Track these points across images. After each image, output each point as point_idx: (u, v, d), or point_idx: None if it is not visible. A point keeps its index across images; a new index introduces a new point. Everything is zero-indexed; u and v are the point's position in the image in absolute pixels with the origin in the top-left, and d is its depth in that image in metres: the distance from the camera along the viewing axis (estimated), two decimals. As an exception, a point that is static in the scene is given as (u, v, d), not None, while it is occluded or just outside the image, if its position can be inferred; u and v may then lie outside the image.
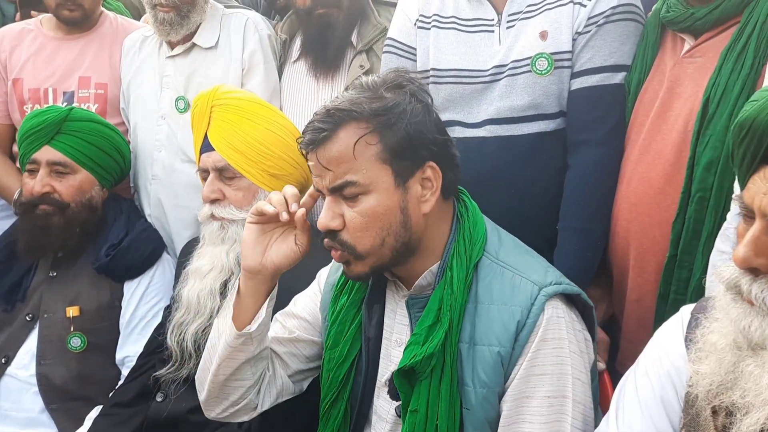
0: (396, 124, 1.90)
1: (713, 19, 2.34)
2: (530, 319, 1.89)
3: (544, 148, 2.61)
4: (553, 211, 2.61)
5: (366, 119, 1.90)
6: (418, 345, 1.94)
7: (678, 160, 2.35)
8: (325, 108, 1.95)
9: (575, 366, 1.92)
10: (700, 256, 2.29)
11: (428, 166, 1.96)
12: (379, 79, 1.99)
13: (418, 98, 1.97)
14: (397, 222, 1.93)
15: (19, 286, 3.05)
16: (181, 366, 2.63)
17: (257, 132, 2.69)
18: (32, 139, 2.99)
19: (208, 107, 2.72)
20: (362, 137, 1.89)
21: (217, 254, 2.67)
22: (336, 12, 3.23)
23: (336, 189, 1.93)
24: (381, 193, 1.91)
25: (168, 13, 3.30)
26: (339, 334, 2.16)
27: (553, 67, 2.57)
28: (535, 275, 1.97)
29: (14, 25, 3.81)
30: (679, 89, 2.40)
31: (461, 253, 1.99)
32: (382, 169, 1.91)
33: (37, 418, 2.94)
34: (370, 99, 1.93)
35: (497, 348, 1.91)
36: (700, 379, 1.59)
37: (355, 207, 1.92)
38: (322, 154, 1.92)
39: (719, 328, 1.58)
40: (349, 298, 2.18)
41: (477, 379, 1.92)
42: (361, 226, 1.92)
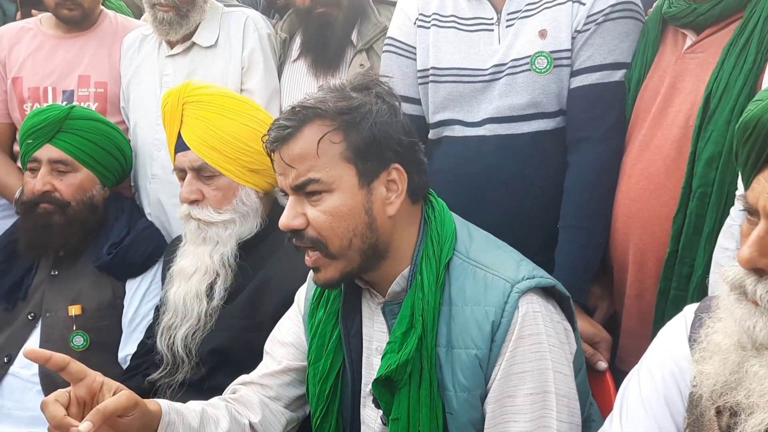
0: (361, 123, 1.90)
1: (716, 15, 2.34)
2: (504, 318, 1.87)
3: (543, 147, 2.61)
4: (552, 210, 2.61)
5: (331, 117, 1.90)
6: (394, 353, 1.92)
7: (679, 156, 2.35)
8: (291, 106, 1.95)
9: (555, 359, 1.90)
10: (701, 252, 2.28)
11: (393, 168, 1.94)
12: (346, 81, 2.00)
13: (384, 99, 1.96)
14: (362, 223, 1.92)
15: (20, 285, 3.05)
16: (175, 370, 2.60)
17: (233, 128, 2.63)
18: (33, 138, 2.98)
19: (180, 104, 2.66)
20: (326, 135, 1.89)
21: (200, 255, 2.63)
22: (335, 11, 3.23)
23: (299, 187, 1.91)
24: (345, 192, 1.90)
25: (167, 13, 3.30)
26: (320, 348, 2.14)
27: (553, 66, 2.56)
28: (507, 272, 1.94)
29: (13, 24, 3.81)
30: (680, 85, 2.40)
31: (430, 256, 1.97)
32: (346, 168, 1.91)
33: (40, 417, 2.79)
34: (336, 98, 1.92)
35: (474, 350, 1.89)
36: (704, 379, 1.58)
37: (318, 206, 1.91)
38: (286, 152, 1.92)
39: (723, 328, 1.58)
40: (326, 310, 2.15)
41: (457, 383, 1.91)
42: (325, 225, 1.91)
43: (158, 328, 2.66)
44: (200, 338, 2.57)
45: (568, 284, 2.37)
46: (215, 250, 2.62)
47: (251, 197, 2.66)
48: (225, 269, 2.61)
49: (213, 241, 2.63)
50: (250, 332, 2.54)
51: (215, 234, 2.62)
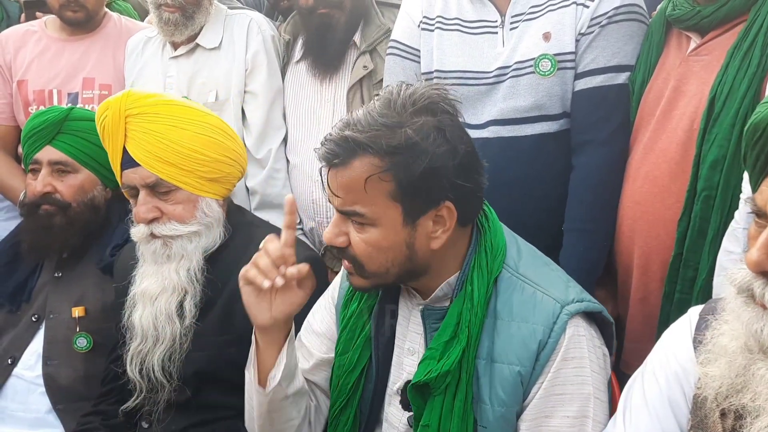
0: (413, 165, 1.80)
1: (720, 17, 2.34)
2: (552, 339, 1.85)
3: (547, 149, 2.61)
4: (556, 213, 2.62)
5: (381, 156, 1.80)
6: (434, 360, 1.90)
7: (683, 159, 2.35)
8: (343, 129, 1.85)
9: (596, 386, 1.89)
10: (706, 256, 2.29)
11: (444, 206, 1.87)
12: (409, 99, 1.85)
13: (445, 136, 1.83)
14: (402, 256, 1.89)
15: (24, 286, 3.04)
16: (153, 396, 2.49)
17: (186, 138, 2.43)
18: (34, 140, 2.97)
19: (122, 117, 2.43)
20: (375, 174, 1.81)
21: (165, 273, 2.47)
22: (338, 13, 3.23)
23: (344, 213, 1.89)
24: (388, 229, 1.86)
25: (173, 14, 3.31)
26: (349, 340, 2.13)
27: (557, 68, 2.57)
28: (556, 291, 1.92)
29: (18, 27, 3.82)
30: (684, 87, 2.40)
31: (482, 266, 1.94)
32: (392, 207, 1.84)
33: (44, 419, 2.92)
34: (390, 131, 1.80)
35: (517, 367, 1.87)
36: (710, 381, 1.58)
37: (361, 234, 1.88)
38: (333, 178, 1.86)
39: (730, 330, 1.57)
40: (360, 305, 2.13)
41: (495, 397, 1.89)
42: (365, 253, 1.89)
43: (127, 356, 2.53)
44: (179, 359, 2.46)
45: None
46: (180, 266, 2.47)
47: (213, 207, 2.52)
48: (193, 285, 2.48)
49: (178, 256, 2.48)
50: (229, 347, 2.46)
51: (180, 248, 2.47)
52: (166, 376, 2.46)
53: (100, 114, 2.49)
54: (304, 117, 3.33)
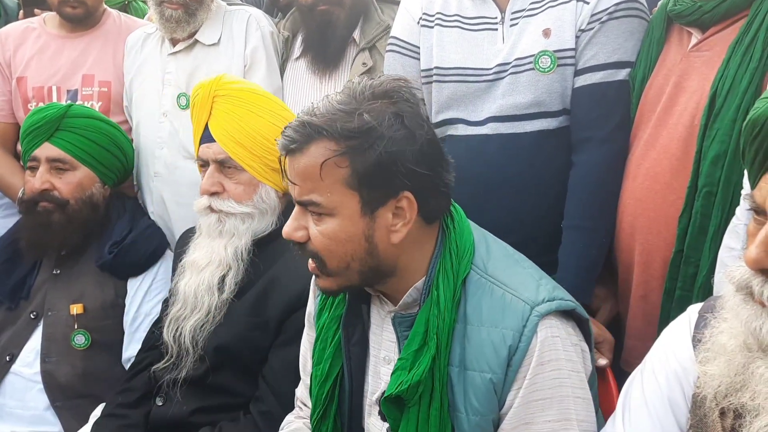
0: (369, 150, 1.77)
1: (721, 13, 2.33)
2: (522, 343, 1.80)
3: (546, 146, 2.60)
4: (555, 210, 2.60)
5: (337, 140, 1.78)
6: (405, 371, 1.85)
7: (684, 155, 2.34)
8: (301, 118, 1.83)
9: (575, 385, 1.84)
10: (707, 252, 2.27)
11: (403, 197, 1.82)
12: (368, 87, 1.84)
13: (403, 122, 1.81)
14: (361, 249, 1.84)
15: (23, 284, 3.05)
16: (178, 363, 2.59)
17: (261, 125, 2.61)
18: (32, 137, 2.99)
19: (210, 97, 2.64)
20: (330, 159, 1.78)
21: (215, 247, 2.61)
22: (338, 10, 3.23)
23: (301, 203, 1.86)
24: (344, 219, 1.82)
25: (176, 11, 3.31)
26: (321, 351, 2.10)
27: (557, 65, 2.56)
28: (526, 292, 1.86)
29: (18, 24, 3.81)
30: (685, 83, 2.39)
31: (447, 270, 1.89)
32: (348, 195, 1.81)
33: (42, 416, 2.94)
34: (347, 115, 1.78)
35: (489, 375, 1.82)
36: (709, 380, 1.57)
37: (319, 225, 1.85)
38: (291, 165, 1.85)
39: (729, 328, 1.56)
40: (329, 314, 2.10)
41: (469, 406, 1.84)
42: (322, 246, 1.85)
43: (166, 319, 2.65)
44: (208, 331, 2.56)
45: (571, 284, 2.36)
46: (230, 243, 2.61)
47: (271, 195, 2.65)
48: (237, 263, 2.59)
49: (229, 233, 2.61)
50: (255, 330, 2.54)
51: (232, 226, 2.61)
52: (193, 345, 2.56)
53: (194, 92, 2.72)
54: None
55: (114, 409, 2.73)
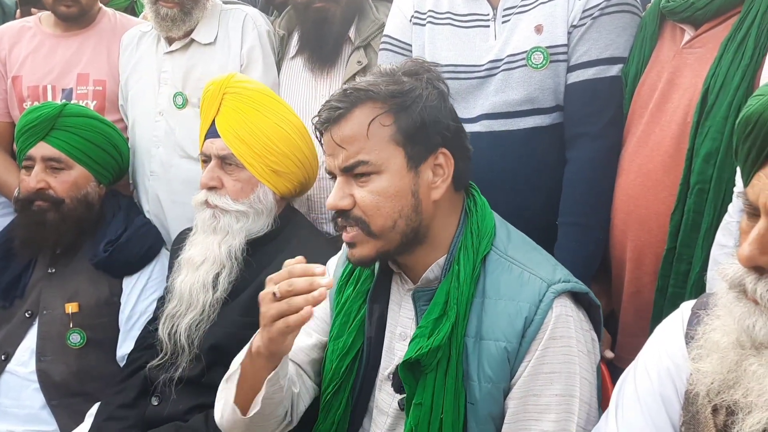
0: (411, 107, 1.93)
1: (714, 9, 2.33)
2: (538, 316, 1.89)
3: (539, 143, 2.60)
4: (548, 206, 2.61)
5: (382, 100, 1.93)
6: (424, 338, 1.93)
7: (677, 152, 2.34)
8: (343, 88, 1.98)
9: (583, 365, 1.91)
10: (699, 249, 2.27)
11: (441, 153, 1.98)
12: (397, 66, 2.02)
13: (434, 85, 1.99)
14: (408, 205, 1.95)
15: (17, 282, 3.06)
16: (174, 361, 2.62)
17: (265, 125, 2.68)
18: (27, 136, 2.99)
19: (220, 93, 2.70)
20: (377, 117, 1.92)
21: (209, 245, 2.65)
22: (333, 7, 3.21)
23: (348, 168, 1.95)
24: (393, 174, 1.93)
25: (172, 9, 3.29)
26: (343, 325, 2.15)
27: (549, 61, 2.56)
28: (543, 272, 1.96)
29: (13, 23, 3.81)
30: (678, 80, 2.39)
31: (468, 247, 1.99)
32: (395, 151, 1.93)
33: (38, 415, 2.94)
34: (387, 81, 1.95)
35: (504, 343, 1.90)
36: (701, 377, 1.57)
37: (366, 186, 1.94)
38: (337, 133, 1.95)
39: (722, 326, 1.56)
40: (355, 289, 2.17)
41: (482, 374, 1.91)
42: (372, 205, 1.94)
43: (162, 316, 2.67)
44: (203, 330, 2.60)
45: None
46: (224, 241, 2.65)
47: (268, 197, 2.71)
48: (231, 261, 2.63)
49: (223, 231, 2.66)
50: (248, 330, 2.48)
51: (226, 224, 2.65)
52: (189, 343, 2.60)
53: (206, 88, 2.78)
54: (299, 112, 3.27)
55: (114, 411, 2.73)
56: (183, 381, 2.61)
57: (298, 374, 2.22)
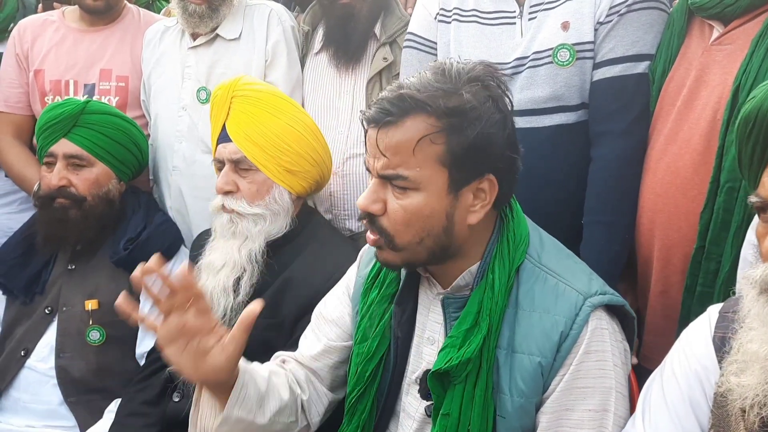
0: (467, 130, 1.80)
1: (744, 6, 2.30)
2: (574, 330, 1.83)
3: (564, 141, 2.59)
4: (574, 205, 2.59)
5: (438, 116, 1.79)
6: (455, 348, 1.88)
7: (706, 150, 2.31)
8: (399, 88, 1.84)
9: (618, 379, 1.87)
10: (728, 248, 2.25)
11: (487, 179, 1.86)
12: (464, 70, 1.86)
13: (498, 106, 1.85)
14: (440, 226, 1.86)
15: (38, 278, 3.07)
16: None
17: (277, 126, 2.66)
18: (49, 132, 3.00)
19: (229, 97, 2.68)
20: (429, 135, 1.79)
21: (228, 249, 2.64)
22: (359, 3, 3.20)
23: (386, 177, 1.85)
24: (431, 195, 1.83)
25: (200, 6, 3.29)
26: (368, 328, 2.10)
27: (575, 58, 2.54)
28: (579, 283, 1.90)
29: (37, 16, 3.82)
30: (707, 77, 2.36)
31: (504, 256, 1.92)
32: (439, 172, 1.82)
33: (56, 411, 2.95)
34: (447, 94, 1.81)
35: (538, 358, 1.85)
36: (745, 391, 1.54)
37: (401, 199, 1.84)
38: (382, 137, 1.83)
39: (758, 336, 1.53)
40: (380, 292, 2.11)
41: (515, 388, 1.87)
42: (402, 220, 1.85)
43: None
44: None
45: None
46: (244, 245, 2.63)
47: (284, 197, 2.69)
48: (252, 265, 2.62)
49: (242, 235, 2.64)
50: (270, 331, 2.55)
51: (245, 229, 2.64)
52: None
53: (214, 93, 2.78)
54: (323, 108, 3.31)
55: (137, 407, 2.75)
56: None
57: (308, 380, 2.20)
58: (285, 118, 2.69)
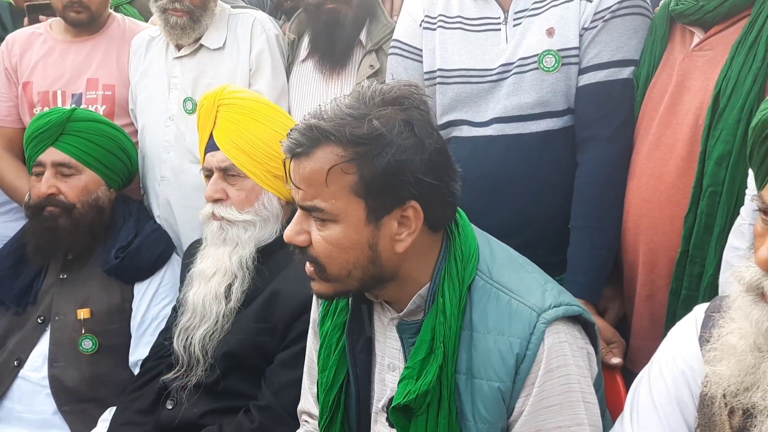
0: (377, 157, 1.73)
1: (723, 12, 2.32)
2: (530, 351, 1.77)
3: (551, 147, 2.59)
4: (562, 210, 2.59)
5: (345, 146, 1.73)
6: (412, 380, 1.82)
7: (689, 155, 2.33)
8: (310, 119, 1.78)
9: (584, 390, 1.82)
10: (712, 252, 2.26)
11: (410, 206, 1.79)
12: (379, 93, 1.80)
13: (413, 130, 1.76)
14: (364, 257, 1.81)
15: (29, 288, 3.06)
16: (189, 371, 2.62)
17: (262, 132, 2.67)
18: (37, 141, 3.01)
19: (215, 106, 2.70)
20: (337, 165, 1.73)
21: (219, 256, 2.65)
22: (345, 8, 3.22)
23: (304, 208, 1.82)
24: (349, 227, 1.78)
25: (181, 18, 3.30)
26: (326, 358, 2.06)
27: (561, 64, 2.55)
28: (532, 298, 1.83)
29: (24, 30, 3.83)
30: (688, 83, 2.38)
31: (453, 275, 1.86)
32: (354, 202, 1.77)
33: (50, 420, 2.95)
34: (356, 120, 1.74)
35: (497, 383, 1.79)
36: (718, 379, 1.57)
37: (322, 231, 1.80)
38: (296, 169, 1.80)
39: (738, 329, 1.56)
40: (332, 321, 2.07)
41: (477, 414, 1.82)
42: (325, 253, 1.81)
43: (176, 329, 2.68)
44: (217, 340, 2.60)
45: (581, 285, 2.37)
46: (234, 252, 2.64)
47: (273, 203, 2.70)
48: (243, 271, 2.63)
49: (233, 242, 2.66)
50: (262, 336, 2.56)
51: (235, 235, 2.65)
52: (203, 354, 2.60)
53: (200, 103, 2.79)
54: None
55: (131, 416, 2.75)
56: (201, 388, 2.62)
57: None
58: (270, 124, 2.70)
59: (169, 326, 2.82)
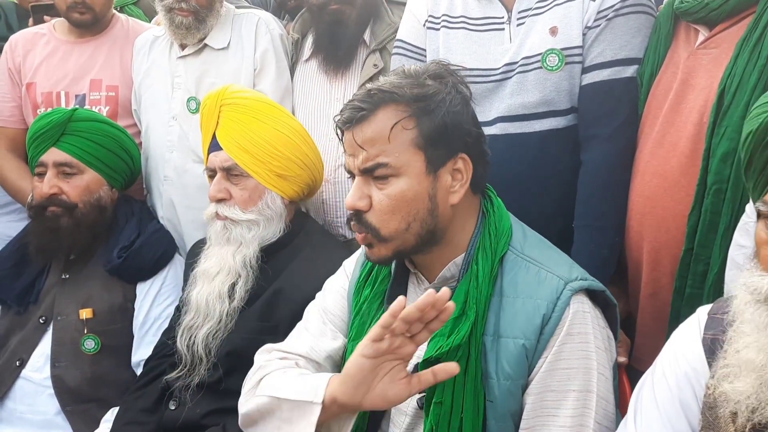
0: (434, 112, 1.93)
1: (728, 10, 2.31)
2: (556, 313, 1.90)
3: (555, 145, 2.59)
4: (564, 208, 2.60)
5: (406, 103, 1.93)
6: (444, 336, 1.93)
7: (693, 152, 2.32)
8: (367, 88, 1.98)
9: (600, 362, 1.92)
10: (717, 250, 2.26)
11: (460, 158, 1.98)
12: (421, 68, 2.03)
13: (457, 90, 1.99)
14: (425, 208, 1.95)
15: (31, 288, 3.07)
16: (192, 371, 2.63)
17: (265, 132, 2.70)
18: (39, 142, 3.01)
19: (217, 106, 2.73)
20: (400, 121, 1.92)
21: (223, 255, 2.67)
22: (349, 9, 3.21)
23: (367, 170, 1.95)
24: (411, 178, 1.94)
25: (186, 18, 3.31)
26: (362, 326, 2.14)
27: (564, 63, 2.55)
28: (560, 270, 1.98)
29: (28, 30, 3.83)
30: (693, 81, 2.37)
31: (486, 247, 2.00)
32: (415, 155, 1.94)
33: (53, 420, 2.95)
34: (411, 84, 1.95)
35: (522, 340, 1.90)
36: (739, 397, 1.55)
37: (384, 189, 1.95)
38: (358, 133, 1.95)
39: (754, 343, 1.54)
40: (372, 290, 2.17)
41: (501, 371, 1.92)
42: (387, 209, 1.95)
43: (179, 328, 2.69)
44: (220, 339, 2.62)
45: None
46: (238, 251, 2.67)
47: (276, 202, 2.73)
48: (246, 271, 2.65)
49: (236, 241, 2.68)
50: (265, 335, 2.54)
51: (239, 235, 2.68)
52: (206, 353, 2.62)
53: (203, 103, 2.82)
54: (314, 115, 3.31)
55: (135, 415, 2.75)
56: (203, 387, 2.62)
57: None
58: (273, 124, 2.73)
59: (172, 325, 2.83)
